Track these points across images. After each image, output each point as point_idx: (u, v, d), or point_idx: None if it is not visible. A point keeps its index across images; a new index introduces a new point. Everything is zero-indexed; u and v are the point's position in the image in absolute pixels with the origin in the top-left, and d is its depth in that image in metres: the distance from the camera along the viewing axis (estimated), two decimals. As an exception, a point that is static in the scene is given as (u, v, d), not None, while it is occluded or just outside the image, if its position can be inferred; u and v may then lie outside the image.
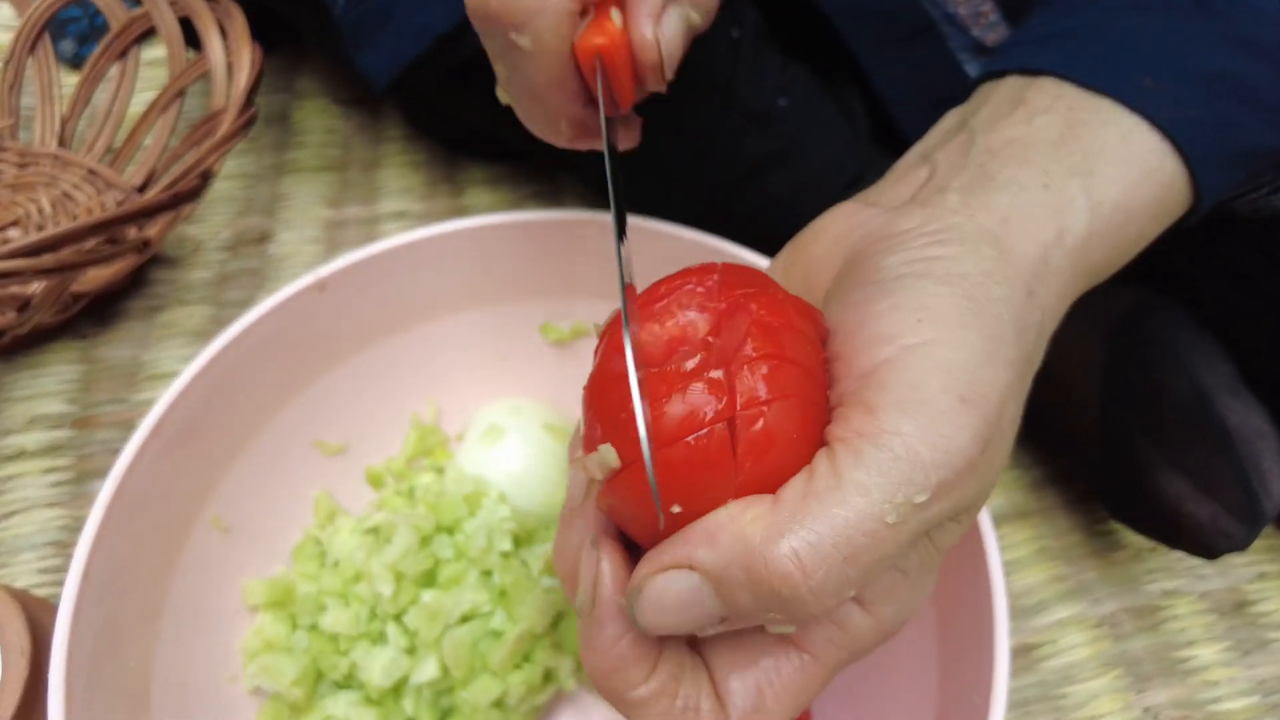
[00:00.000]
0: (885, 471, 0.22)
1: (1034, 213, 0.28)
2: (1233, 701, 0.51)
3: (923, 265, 0.26)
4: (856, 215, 0.31)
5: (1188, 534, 0.46)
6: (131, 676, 0.38)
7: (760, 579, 0.22)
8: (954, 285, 0.25)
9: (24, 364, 0.59)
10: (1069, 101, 0.32)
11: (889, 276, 0.26)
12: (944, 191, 0.29)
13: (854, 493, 0.22)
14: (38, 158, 0.67)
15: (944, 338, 0.24)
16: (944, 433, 0.22)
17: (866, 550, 0.22)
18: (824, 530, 0.21)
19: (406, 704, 0.43)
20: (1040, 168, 0.30)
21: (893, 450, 0.22)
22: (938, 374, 0.23)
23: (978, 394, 0.23)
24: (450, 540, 0.45)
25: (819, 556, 0.21)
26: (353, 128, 0.77)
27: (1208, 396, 0.44)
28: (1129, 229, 0.31)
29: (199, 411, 0.41)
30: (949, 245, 0.27)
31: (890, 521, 0.22)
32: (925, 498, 0.22)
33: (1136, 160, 0.31)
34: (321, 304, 0.44)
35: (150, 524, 0.39)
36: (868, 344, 0.24)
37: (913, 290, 0.25)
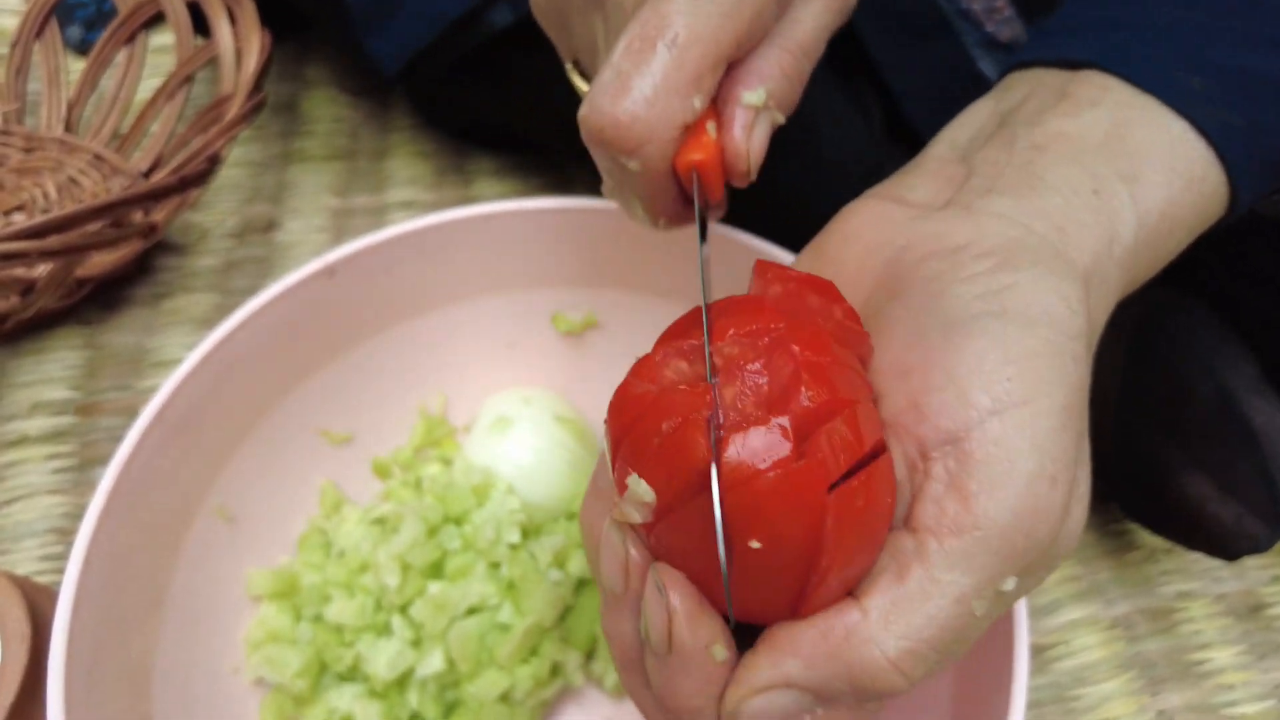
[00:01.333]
0: (979, 569, 0.22)
1: (1087, 219, 0.27)
2: (1248, 706, 0.50)
3: (998, 301, 0.24)
4: (891, 218, 0.29)
5: (1210, 535, 0.45)
6: (133, 665, 0.38)
7: (864, 688, 0.22)
8: (1038, 331, 0.24)
9: (28, 349, 0.58)
10: (1116, 97, 0.30)
11: (964, 314, 0.24)
12: (990, 194, 0.28)
13: (951, 597, 0.22)
14: (44, 142, 0.66)
15: (1033, 402, 0.23)
16: (1036, 518, 0.22)
17: (960, 639, 0.22)
18: (922, 636, 0.22)
19: (411, 697, 0.42)
20: (1090, 170, 0.28)
21: (989, 546, 0.22)
22: (1031, 453, 0.23)
23: (1062, 465, 0.23)
24: (458, 531, 0.45)
25: (918, 659, 0.22)
26: (361, 117, 0.76)
27: (1232, 396, 0.44)
28: (1171, 239, 0.30)
29: (203, 398, 0.40)
30: (1021, 270, 0.25)
31: (979, 614, 0.22)
32: (1011, 585, 0.23)
33: (1182, 167, 0.29)
34: (330, 290, 0.44)
35: (153, 511, 0.39)
36: (954, 402, 0.23)
37: (996, 337, 0.24)
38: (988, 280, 0.25)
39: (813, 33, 0.32)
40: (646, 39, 0.29)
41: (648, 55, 0.29)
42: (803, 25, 0.32)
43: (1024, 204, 0.27)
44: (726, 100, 0.31)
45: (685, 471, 0.22)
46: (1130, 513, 0.51)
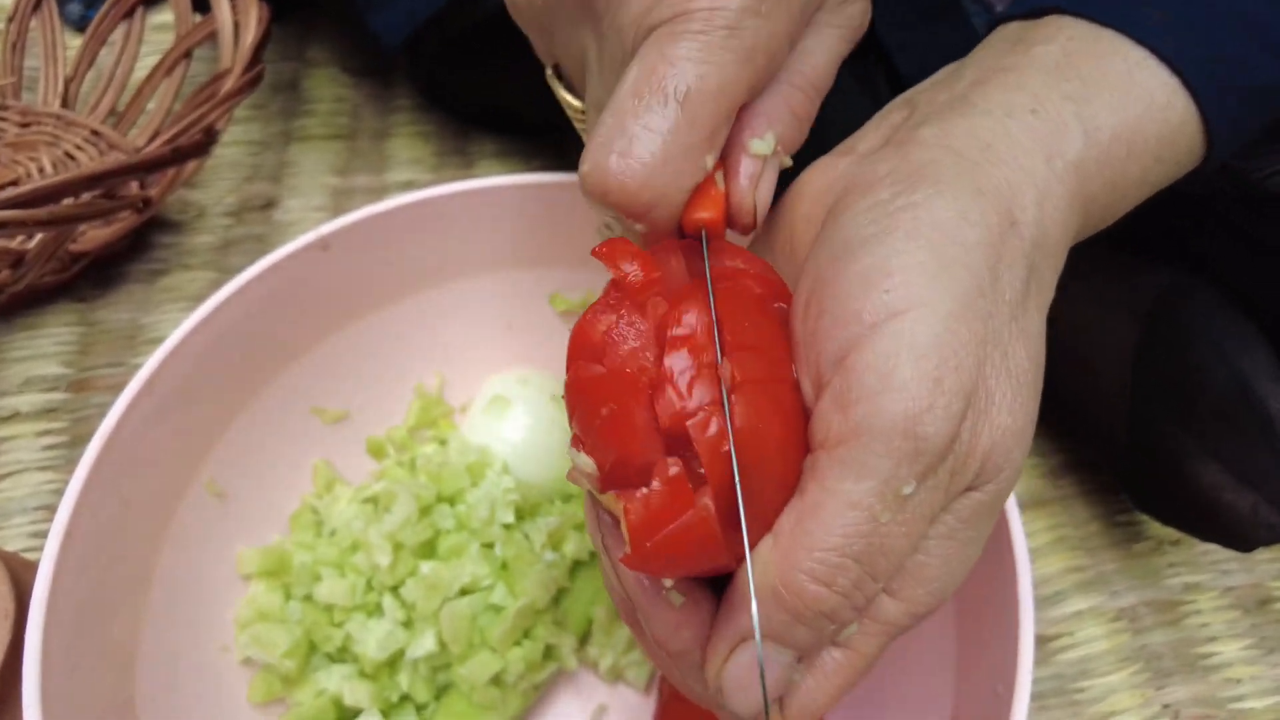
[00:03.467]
0: (867, 474, 0.23)
1: (1020, 138, 0.27)
2: (1256, 700, 0.49)
3: (889, 219, 0.25)
4: (835, 168, 0.29)
5: (1225, 525, 0.44)
6: (117, 644, 0.37)
7: (799, 611, 0.23)
8: (920, 239, 0.24)
9: (20, 325, 0.57)
10: (1070, 33, 0.30)
11: (855, 237, 0.25)
12: (920, 126, 0.28)
13: (844, 502, 0.23)
14: (40, 117, 0.65)
15: (911, 310, 0.24)
16: (919, 420, 0.23)
17: (874, 548, 0.23)
18: (829, 546, 0.23)
19: (402, 679, 0.42)
20: (1030, 92, 0.28)
21: (872, 449, 0.23)
22: (908, 358, 0.23)
23: (950, 368, 0.23)
24: (451, 510, 0.44)
25: (834, 568, 0.23)
26: (362, 97, 0.75)
27: (1247, 382, 0.43)
28: (1131, 166, 0.29)
29: (193, 372, 0.40)
30: (920, 189, 0.25)
31: (884, 519, 0.23)
32: (911, 488, 0.23)
33: (1141, 93, 0.29)
34: (324, 264, 0.43)
35: (139, 487, 0.38)
36: (836, 322, 0.24)
37: (878, 253, 0.24)
38: (886, 204, 0.25)
39: (825, 65, 0.31)
40: (655, 89, 0.27)
41: (656, 110, 0.27)
42: (814, 58, 0.30)
43: (948, 126, 0.27)
44: (733, 146, 0.29)
45: (620, 448, 0.23)
46: (1141, 504, 0.50)
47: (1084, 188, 0.28)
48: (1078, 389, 0.51)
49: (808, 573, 0.23)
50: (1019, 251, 0.26)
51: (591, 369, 0.24)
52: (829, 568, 0.23)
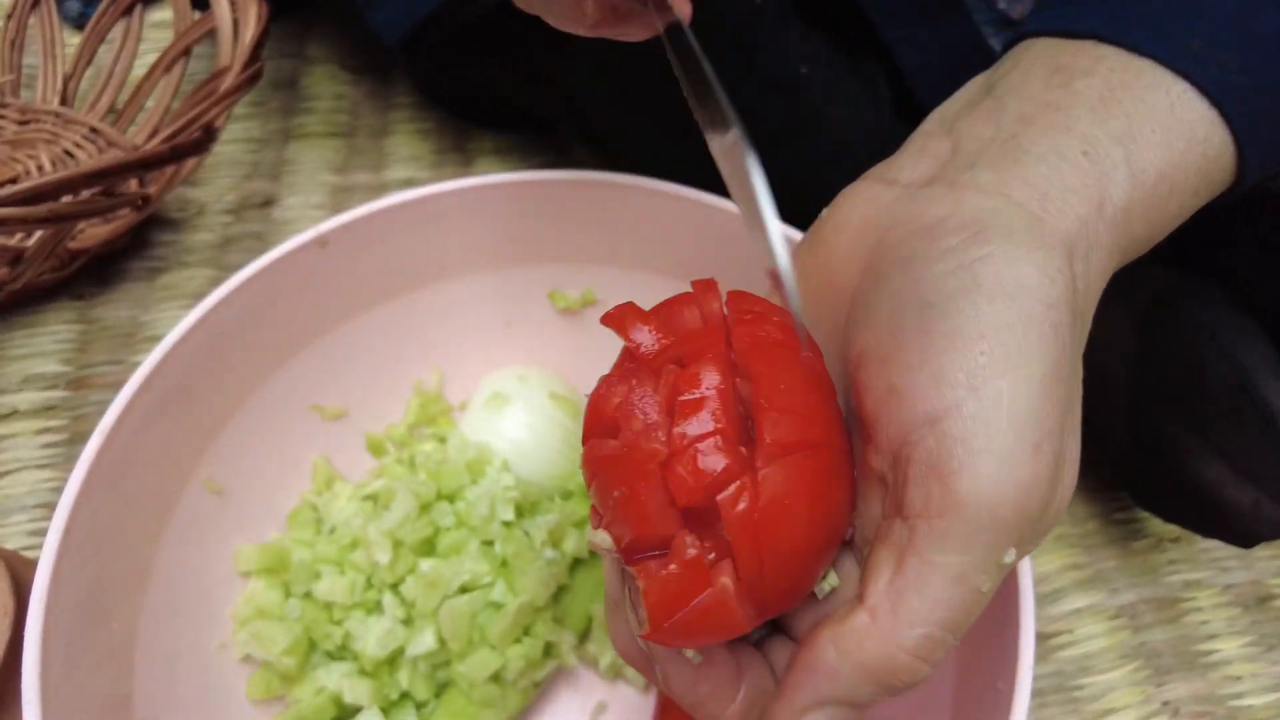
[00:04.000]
0: (973, 546, 0.22)
1: (1073, 183, 0.26)
2: (1255, 698, 0.49)
3: (970, 276, 0.24)
4: (878, 200, 0.28)
5: (1227, 521, 0.44)
6: (115, 641, 0.37)
7: (892, 685, 0.23)
8: (1010, 302, 0.24)
9: (19, 323, 0.57)
10: (1111, 64, 0.29)
11: (937, 293, 0.24)
12: (974, 168, 0.27)
13: (950, 577, 0.22)
14: (39, 115, 0.65)
15: (1009, 375, 0.23)
16: (1023, 489, 0.22)
17: (971, 617, 0.23)
18: (933, 620, 0.23)
19: (401, 677, 0.42)
20: (1079, 134, 0.27)
21: (978, 523, 0.22)
22: (1009, 425, 0.23)
23: (1046, 434, 0.23)
24: (451, 508, 0.44)
25: (934, 644, 0.23)
26: (361, 94, 0.75)
27: (1249, 378, 0.42)
28: (1171, 202, 0.29)
29: (192, 368, 0.40)
30: (993, 242, 0.25)
31: (985, 589, 0.23)
32: (1011, 556, 0.23)
33: (1183, 128, 0.28)
34: (323, 261, 0.43)
35: (138, 483, 0.38)
36: (929, 383, 0.23)
37: (968, 313, 0.24)
38: (960, 255, 0.25)
39: None
40: None
41: None
42: None
43: (1005, 174, 0.26)
44: None
45: (635, 528, 0.23)
46: (1142, 501, 0.50)
47: (1129, 230, 0.27)
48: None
49: (909, 650, 0.23)
50: (1070, 307, 0.25)
51: (605, 446, 0.24)
52: (931, 643, 0.23)
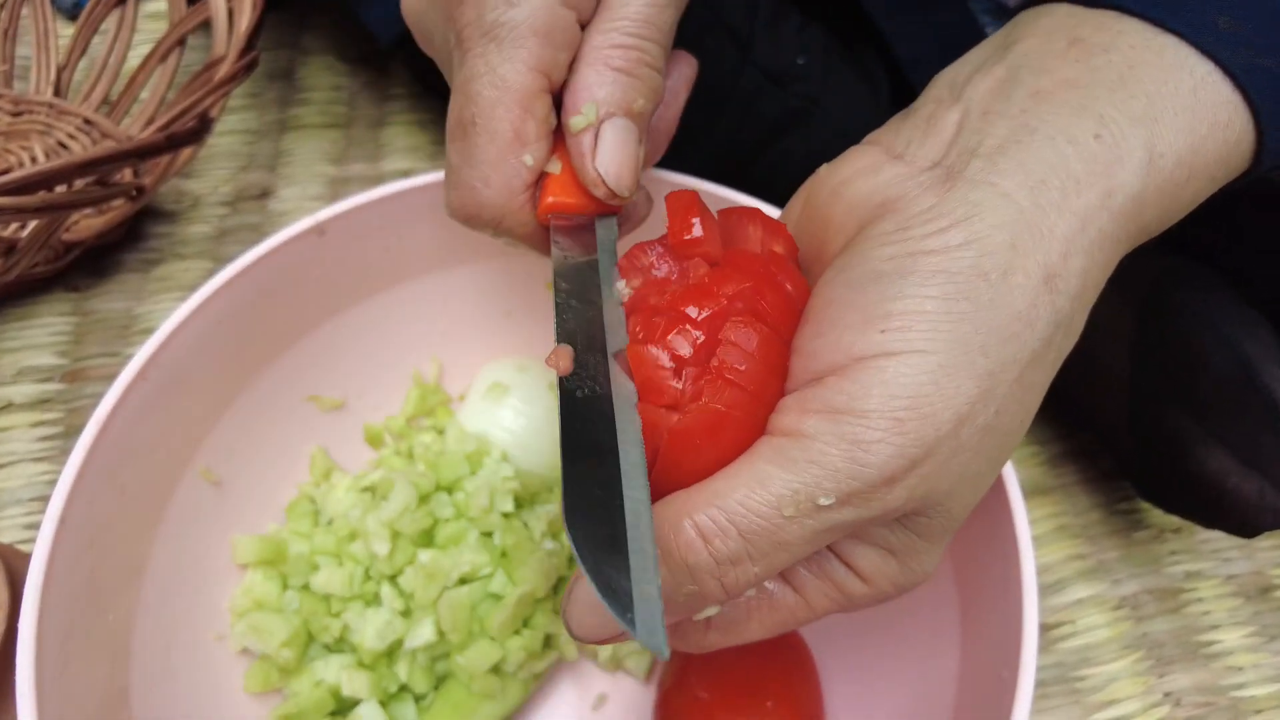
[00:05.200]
0: (793, 469, 0.23)
1: (1078, 171, 0.26)
2: (1257, 688, 0.49)
3: (910, 260, 0.25)
4: (879, 175, 0.28)
5: (1230, 511, 0.43)
6: (111, 633, 0.36)
7: (669, 552, 0.24)
8: (933, 287, 0.24)
9: (13, 315, 0.57)
10: (1132, 40, 0.28)
11: (872, 271, 0.25)
12: (974, 155, 0.26)
13: (757, 481, 0.24)
14: (33, 106, 0.65)
15: (902, 355, 0.24)
16: (864, 448, 0.23)
17: (763, 533, 0.24)
18: (723, 507, 0.24)
19: (400, 669, 0.41)
20: (1095, 114, 0.26)
21: (806, 452, 0.23)
22: (878, 394, 0.23)
23: (919, 415, 0.23)
24: (450, 499, 0.44)
25: (717, 528, 0.24)
26: (359, 85, 0.75)
27: (1252, 366, 0.42)
28: (1188, 189, 0.28)
29: (189, 358, 0.39)
30: (953, 232, 0.25)
31: (787, 514, 0.24)
32: (830, 501, 0.24)
33: (1206, 112, 0.27)
34: (320, 249, 0.42)
35: (135, 474, 0.38)
36: (828, 348, 0.25)
37: (887, 291, 0.25)
38: (915, 244, 0.25)
39: (647, 2, 0.31)
40: (458, 123, 0.30)
41: (462, 141, 0.30)
42: (628, 5, 0.31)
43: (1003, 161, 0.26)
44: (566, 131, 0.31)
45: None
46: (1144, 491, 0.50)
47: (1139, 217, 0.27)
48: (1075, 375, 0.51)
49: (693, 520, 0.24)
50: (1048, 309, 0.25)
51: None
52: (713, 524, 0.24)
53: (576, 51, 0.31)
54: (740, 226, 0.29)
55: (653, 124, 0.35)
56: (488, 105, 0.30)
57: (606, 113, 0.30)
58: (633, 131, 0.31)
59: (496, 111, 0.30)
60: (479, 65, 0.30)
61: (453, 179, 0.31)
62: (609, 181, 0.30)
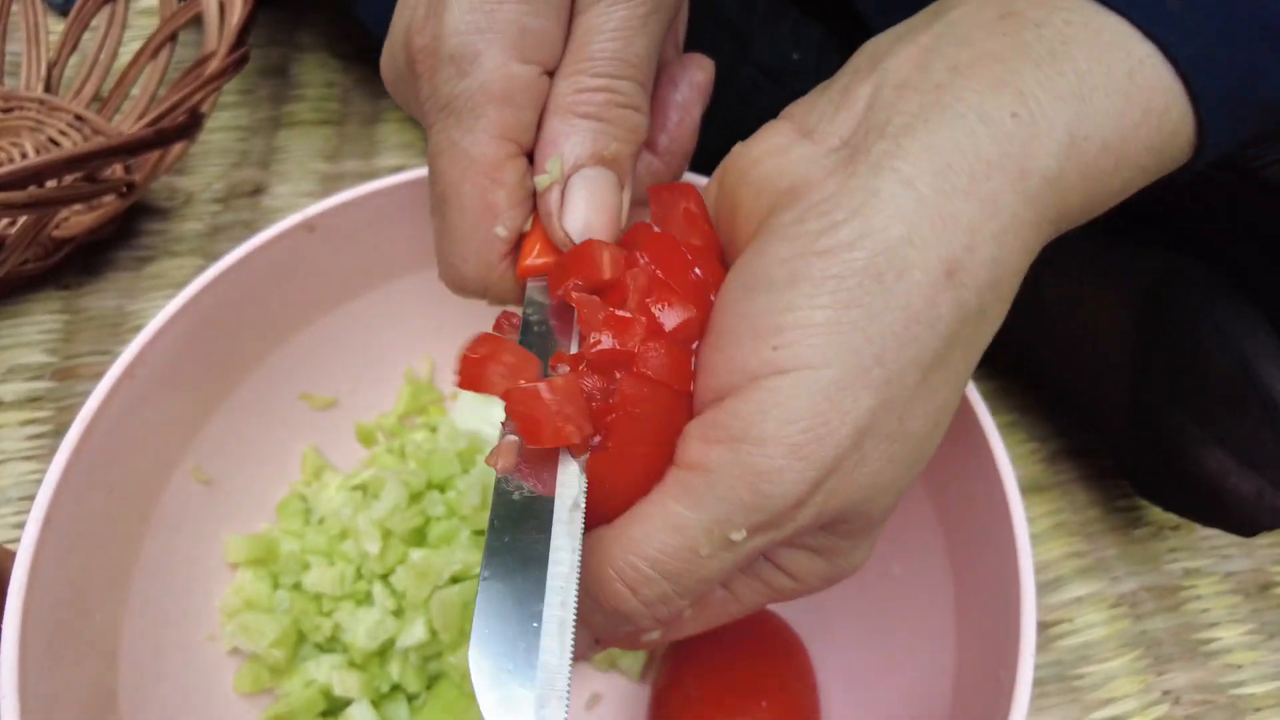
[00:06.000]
0: (701, 508, 0.24)
1: (989, 152, 0.24)
2: (1256, 686, 0.49)
3: (803, 263, 0.24)
4: (788, 153, 0.26)
5: (1229, 510, 0.43)
6: (99, 634, 0.36)
7: (600, 603, 0.25)
8: (824, 296, 0.23)
9: (3, 312, 0.57)
10: (1069, 14, 0.26)
11: (765, 276, 0.24)
12: (881, 135, 0.25)
13: (671, 527, 0.24)
14: (23, 102, 0.64)
15: (795, 371, 0.23)
16: (765, 478, 0.23)
17: (685, 573, 0.24)
18: (642, 555, 0.24)
19: (392, 668, 0.41)
20: (1015, 91, 0.25)
21: (712, 488, 0.23)
22: (773, 418, 0.23)
23: (815, 437, 0.23)
24: (442, 497, 0.43)
25: (642, 578, 0.24)
26: (352, 81, 0.74)
27: (1251, 365, 0.42)
28: (1116, 177, 0.26)
29: (178, 355, 0.39)
30: (846, 229, 0.24)
31: (704, 553, 0.24)
32: (741, 535, 0.24)
33: (1140, 97, 0.26)
34: (310, 246, 0.42)
35: (123, 472, 0.37)
36: (724, 365, 0.24)
37: (777, 302, 0.24)
38: (808, 243, 0.24)
39: (613, 35, 0.28)
40: (432, 199, 0.30)
41: (437, 217, 0.30)
42: (596, 34, 0.28)
43: (910, 143, 0.24)
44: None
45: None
46: (1142, 490, 0.49)
47: (1059, 202, 0.26)
48: (1075, 373, 0.51)
49: (617, 572, 0.24)
50: (951, 305, 0.24)
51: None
52: (637, 574, 0.24)
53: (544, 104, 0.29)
54: (674, 205, 0.28)
55: (665, 147, 0.33)
56: (454, 182, 0.29)
57: (574, 165, 0.28)
58: (606, 179, 0.29)
59: (463, 187, 0.28)
60: (441, 141, 0.29)
61: (437, 253, 0.31)
62: (575, 239, 0.28)
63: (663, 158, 0.33)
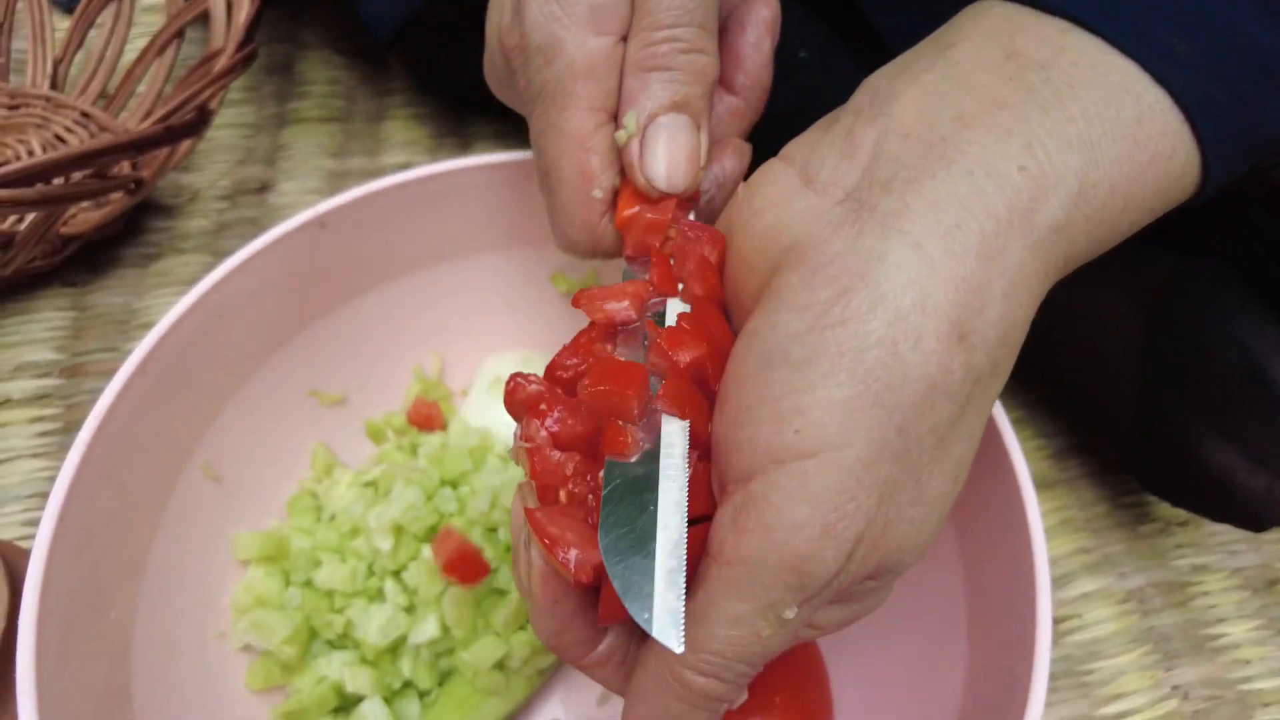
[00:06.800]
0: (751, 597, 0.24)
1: (998, 209, 0.24)
2: (1265, 681, 0.49)
3: (819, 339, 0.24)
4: (791, 205, 0.26)
5: (1238, 506, 0.43)
6: (112, 631, 0.36)
7: (694, 700, 0.25)
8: (843, 372, 0.23)
9: (11, 310, 0.56)
10: (1074, 56, 0.26)
11: (780, 354, 0.24)
12: (887, 189, 0.25)
13: (729, 621, 0.24)
14: (29, 99, 0.64)
15: (820, 454, 0.23)
16: (804, 560, 0.23)
17: (755, 654, 0.25)
18: (713, 651, 0.25)
19: (404, 665, 0.41)
20: (1024, 140, 0.25)
21: (759, 579, 0.24)
22: (805, 503, 0.23)
23: (845, 514, 0.23)
24: (454, 494, 0.43)
25: (719, 667, 0.25)
26: (357, 79, 0.74)
27: (1259, 361, 0.42)
28: (1122, 220, 0.26)
29: (188, 353, 0.39)
30: (857, 297, 0.23)
31: (765, 635, 0.24)
32: (793, 613, 0.24)
33: (1150, 142, 0.25)
34: (321, 242, 0.42)
35: (134, 470, 0.37)
36: (746, 444, 0.24)
37: (795, 383, 0.24)
38: (818, 314, 0.24)
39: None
40: (539, 177, 0.33)
41: (545, 192, 0.33)
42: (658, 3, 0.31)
43: (917, 201, 0.24)
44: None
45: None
46: (1150, 486, 0.49)
47: (1067, 248, 0.26)
48: (1083, 371, 0.51)
49: (695, 669, 0.25)
50: (963, 369, 0.24)
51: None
52: (714, 667, 0.25)
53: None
54: (693, 247, 0.29)
55: (742, 84, 0.35)
56: (555, 157, 0.32)
57: (650, 115, 0.31)
58: (681, 123, 0.31)
59: (562, 161, 0.32)
60: (540, 123, 0.32)
61: (551, 222, 0.34)
62: (659, 184, 0.31)
63: (741, 94, 0.36)
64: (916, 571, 0.41)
